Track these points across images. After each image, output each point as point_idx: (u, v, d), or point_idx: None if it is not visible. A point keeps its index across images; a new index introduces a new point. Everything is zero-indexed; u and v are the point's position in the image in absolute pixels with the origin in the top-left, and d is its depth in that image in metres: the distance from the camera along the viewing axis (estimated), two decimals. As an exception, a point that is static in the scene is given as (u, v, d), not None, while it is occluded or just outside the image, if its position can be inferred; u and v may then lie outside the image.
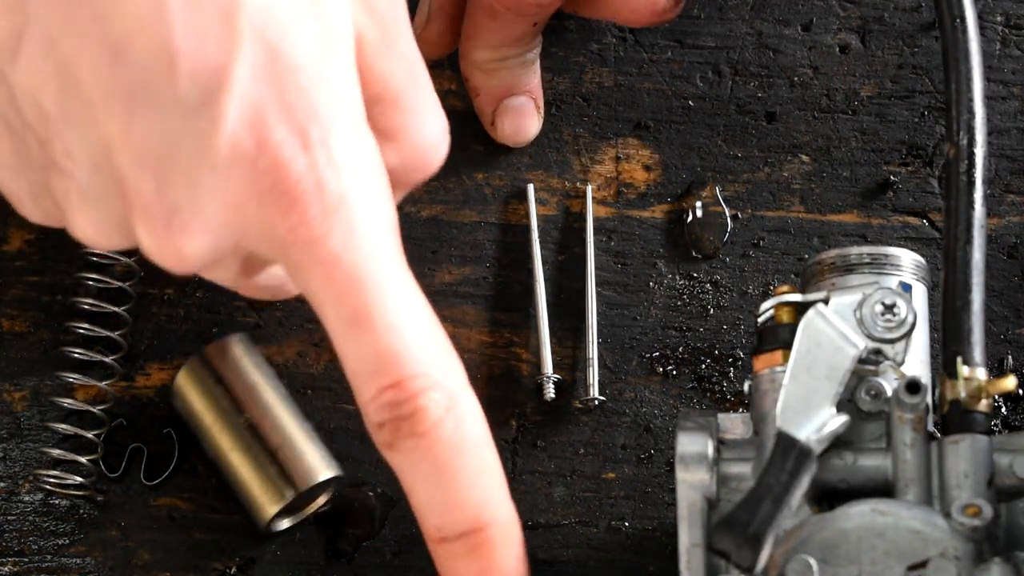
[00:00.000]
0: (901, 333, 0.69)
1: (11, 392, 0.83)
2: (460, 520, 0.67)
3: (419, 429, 0.65)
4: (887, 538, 0.66)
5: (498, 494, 0.68)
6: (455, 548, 0.67)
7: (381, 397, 0.65)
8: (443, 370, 0.67)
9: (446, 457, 0.66)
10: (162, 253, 0.65)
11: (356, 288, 0.65)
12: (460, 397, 0.67)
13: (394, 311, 0.65)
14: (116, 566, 0.81)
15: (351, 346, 0.65)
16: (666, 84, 0.87)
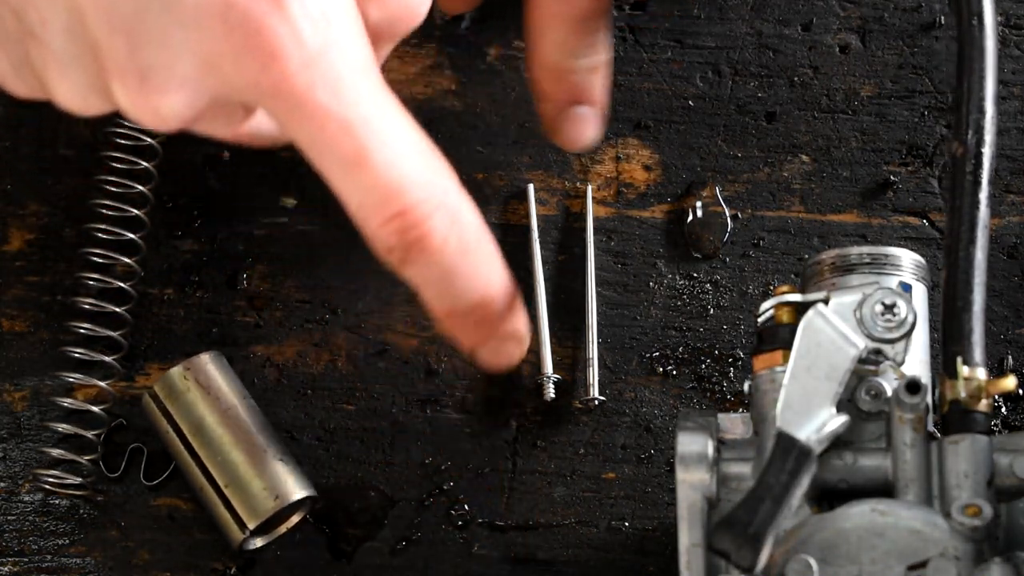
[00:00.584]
0: (901, 333, 0.69)
1: (11, 392, 0.83)
2: (468, 303, 0.72)
3: (427, 248, 0.69)
4: (887, 538, 0.66)
5: (498, 275, 0.73)
6: (464, 321, 0.73)
7: (388, 226, 0.68)
8: (442, 190, 0.70)
9: (453, 263, 0.70)
10: (139, 112, 0.67)
11: (349, 133, 0.67)
12: (459, 211, 0.70)
13: (389, 146, 0.68)
14: (116, 566, 0.81)
15: (352, 186, 0.68)
16: (666, 84, 0.87)
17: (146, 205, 0.84)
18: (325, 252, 0.85)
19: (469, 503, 0.82)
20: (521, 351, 0.76)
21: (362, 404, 0.83)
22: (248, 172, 0.86)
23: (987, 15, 0.74)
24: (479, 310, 0.73)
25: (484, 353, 0.76)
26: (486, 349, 0.76)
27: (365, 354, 0.84)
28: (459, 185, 0.71)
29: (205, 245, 0.85)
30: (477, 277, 0.72)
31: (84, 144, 0.86)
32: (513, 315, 0.75)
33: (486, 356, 0.76)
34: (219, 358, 0.81)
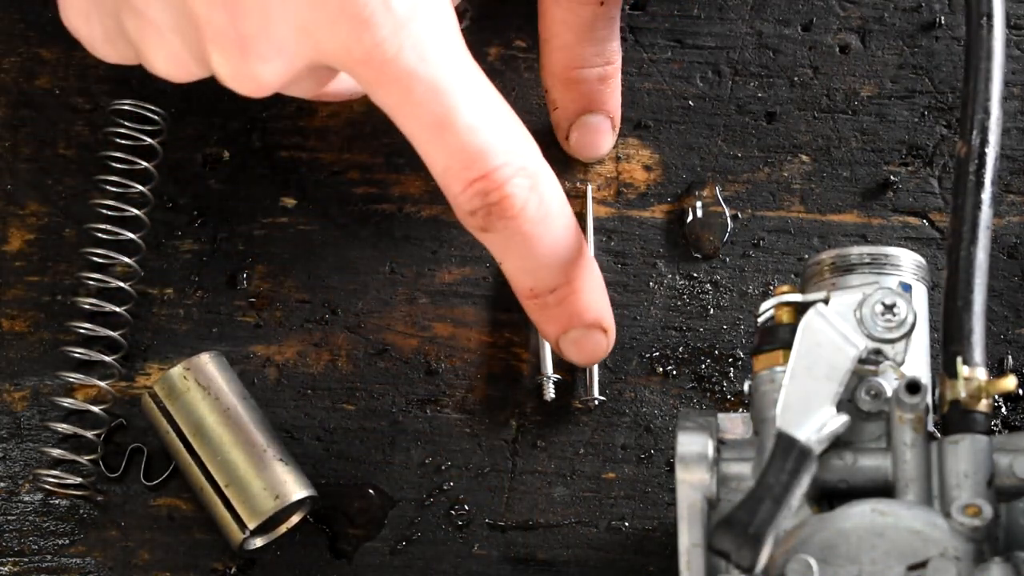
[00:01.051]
0: (901, 333, 0.69)
1: (11, 392, 0.83)
2: (549, 279, 0.75)
3: (509, 213, 0.71)
4: (887, 538, 0.66)
5: (579, 249, 0.76)
6: (547, 301, 0.76)
7: (471, 189, 0.71)
8: (523, 155, 0.72)
9: (534, 231, 0.72)
10: (239, 79, 0.70)
11: (434, 97, 0.70)
12: (541, 176, 0.72)
13: (473, 111, 0.70)
14: (116, 566, 0.81)
15: (437, 149, 0.71)
16: (666, 84, 0.87)
17: (146, 205, 0.84)
18: (325, 252, 0.85)
19: (469, 503, 0.82)
20: (608, 343, 0.79)
21: (362, 404, 0.83)
22: (248, 172, 0.86)
23: (996, 16, 0.74)
24: (562, 288, 0.76)
25: (569, 344, 0.78)
26: (571, 339, 0.78)
27: (365, 354, 0.84)
28: (539, 152, 0.73)
29: (205, 245, 0.85)
30: (558, 246, 0.74)
31: (84, 144, 0.86)
32: (597, 298, 0.77)
33: (571, 348, 0.78)
34: (219, 358, 0.81)
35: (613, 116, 0.85)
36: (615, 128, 0.85)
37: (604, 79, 0.83)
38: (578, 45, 0.82)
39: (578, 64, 0.82)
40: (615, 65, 0.83)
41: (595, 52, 0.82)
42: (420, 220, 0.85)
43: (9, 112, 0.87)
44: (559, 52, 0.82)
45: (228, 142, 0.86)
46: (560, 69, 0.83)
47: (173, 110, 0.86)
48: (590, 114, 0.84)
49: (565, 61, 0.82)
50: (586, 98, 0.83)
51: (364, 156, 0.86)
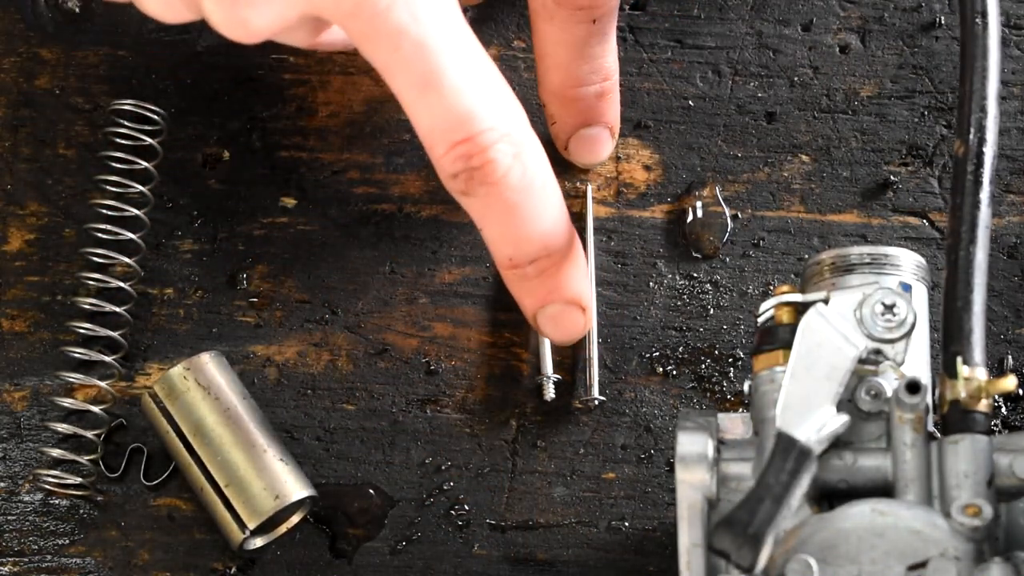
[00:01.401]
0: (901, 333, 0.69)
1: (11, 392, 0.83)
2: (529, 250, 0.74)
3: (490, 178, 0.71)
4: (887, 538, 0.66)
5: (562, 225, 0.75)
6: (527, 272, 0.75)
7: (454, 151, 0.70)
8: (509, 121, 0.71)
9: (515, 199, 0.72)
10: (229, 25, 0.70)
11: (423, 55, 0.69)
12: (525, 145, 0.72)
13: (461, 72, 0.70)
14: (116, 566, 0.81)
15: (422, 108, 0.70)
16: (666, 84, 0.87)
17: (146, 205, 0.84)
18: (325, 252, 0.85)
19: (469, 503, 0.82)
20: (585, 323, 0.78)
21: (362, 404, 0.83)
22: (248, 172, 0.86)
23: (991, 14, 0.74)
24: (541, 260, 0.75)
25: (546, 319, 0.77)
26: (548, 314, 0.77)
27: (365, 354, 0.84)
28: (526, 120, 0.73)
29: (205, 245, 0.85)
30: (539, 218, 0.74)
31: (84, 144, 0.86)
32: (577, 275, 0.76)
33: (548, 323, 0.77)
34: (219, 358, 0.81)
35: (612, 127, 0.84)
36: (614, 136, 0.85)
37: (601, 95, 0.83)
38: (573, 63, 0.81)
39: (574, 83, 0.82)
40: (612, 80, 0.83)
41: (591, 70, 0.82)
42: (420, 220, 0.85)
43: (9, 112, 0.87)
44: (554, 71, 0.82)
45: (228, 142, 0.86)
46: (556, 88, 0.82)
47: (173, 110, 0.86)
48: (589, 127, 0.84)
49: (561, 80, 0.82)
50: (584, 114, 0.83)
51: (364, 156, 0.86)
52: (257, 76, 0.87)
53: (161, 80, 0.87)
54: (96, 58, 0.87)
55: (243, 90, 0.87)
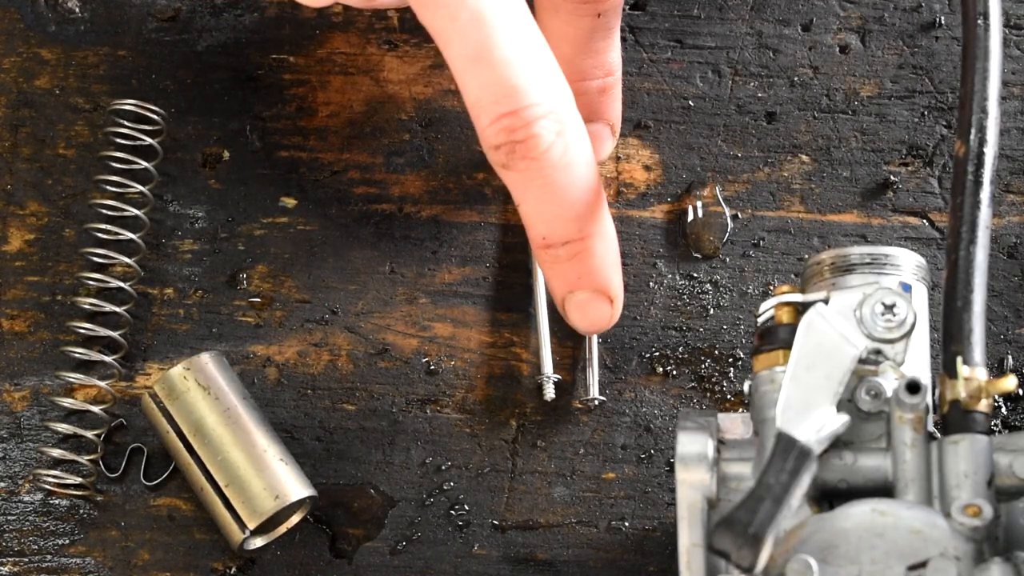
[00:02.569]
0: (901, 333, 0.69)
1: (11, 392, 0.83)
2: (564, 231, 0.74)
3: (532, 153, 0.71)
4: (887, 538, 0.66)
5: (599, 209, 0.75)
6: (559, 253, 0.75)
7: (499, 123, 0.71)
8: (555, 99, 0.72)
9: (555, 177, 0.72)
10: None
11: (477, 26, 0.70)
12: (570, 123, 0.72)
13: (513, 47, 0.71)
14: (116, 566, 0.81)
15: (472, 78, 0.71)
16: (666, 84, 0.87)
17: (146, 205, 0.84)
18: (325, 252, 0.85)
19: (469, 503, 0.82)
20: (612, 315, 0.77)
21: (362, 404, 0.83)
22: (248, 172, 0.86)
23: (993, 15, 0.74)
24: (575, 243, 0.75)
25: (574, 306, 0.77)
26: (576, 301, 0.77)
27: (365, 354, 0.84)
28: (573, 102, 0.73)
29: (205, 245, 0.85)
30: (577, 199, 0.74)
31: (84, 144, 0.86)
32: (609, 264, 0.76)
33: (576, 311, 0.77)
34: (219, 358, 0.81)
35: (613, 124, 0.84)
36: (615, 134, 0.85)
37: (604, 90, 0.83)
38: (577, 58, 0.81)
39: (577, 77, 0.82)
40: (615, 76, 0.83)
41: (594, 64, 0.82)
42: (420, 220, 0.86)
43: (9, 112, 0.87)
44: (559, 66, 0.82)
45: (228, 142, 0.86)
46: None
47: (173, 110, 0.86)
48: (590, 123, 0.84)
49: (564, 73, 0.82)
50: (586, 109, 0.83)
51: (364, 156, 0.86)
52: (257, 76, 0.87)
53: (161, 80, 0.87)
54: (96, 58, 0.87)
55: (243, 90, 0.87)
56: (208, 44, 0.87)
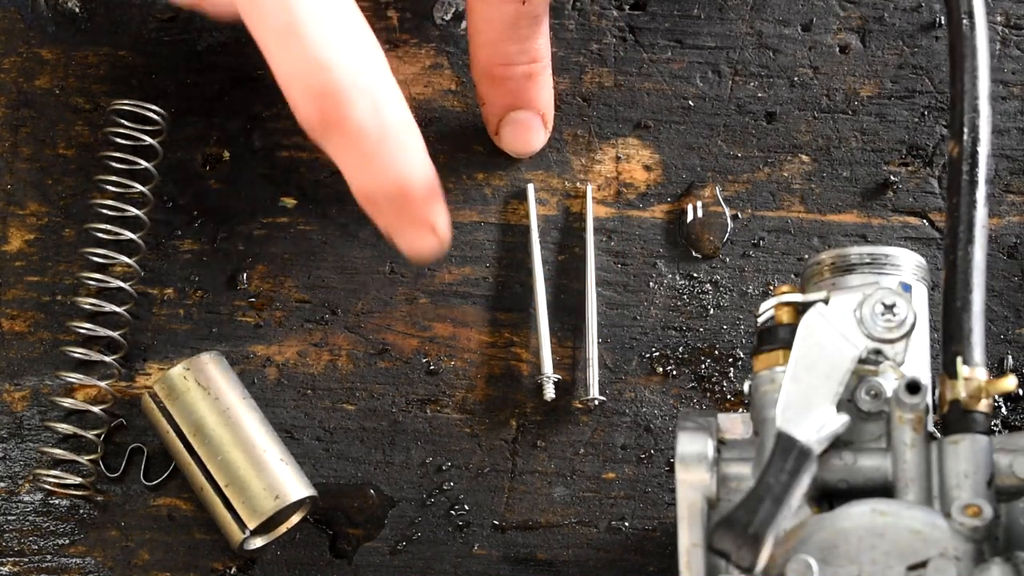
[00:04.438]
0: (901, 333, 0.69)
1: (11, 392, 0.83)
2: (385, 191, 0.75)
3: (346, 130, 0.71)
4: (887, 538, 0.66)
5: (416, 162, 0.75)
6: (383, 208, 0.76)
7: (312, 102, 0.71)
8: (368, 72, 0.72)
9: (371, 146, 0.73)
10: None
11: (287, 5, 0.70)
12: (385, 98, 0.72)
13: (324, 24, 0.70)
14: (116, 566, 0.81)
15: (283, 56, 0.71)
16: (666, 84, 0.87)
17: (146, 205, 0.84)
18: (325, 252, 0.85)
19: (469, 503, 0.82)
20: (438, 244, 0.78)
21: (362, 404, 0.83)
22: (248, 172, 0.86)
23: (978, 13, 0.74)
24: (397, 198, 0.75)
25: (400, 240, 0.78)
26: (402, 236, 0.78)
27: (365, 354, 0.84)
28: (387, 68, 0.73)
29: (205, 245, 0.85)
30: (395, 165, 0.74)
31: (84, 144, 0.86)
32: (432, 206, 0.77)
33: (402, 243, 0.78)
34: (219, 358, 0.81)
35: (543, 113, 0.84)
36: (547, 125, 0.85)
37: (530, 76, 0.83)
38: (501, 42, 0.82)
39: (502, 61, 0.82)
40: (542, 63, 0.83)
41: (519, 50, 0.82)
42: (420, 220, 0.86)
43: (9, 112, 0.87)
44: (483, 48, 0.82)
45: (228, 142, 0.86)
46: (485, 65, 0.83)
47: (173, 110, 0.86)
48: (519, 111, 0.84)
49: (489, 57, 0.82)
50: (512, 95, 0.83)
51: (364, 156, 0.86)
52: (257, 76, 0.87)
53: (161, 80, 0.87)
54: (96, 58, 0.87)
55: (243, 90, 0.87)
56: (208, 44, 0.87)
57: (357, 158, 0.74)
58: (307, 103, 0.71)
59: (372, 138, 0.72)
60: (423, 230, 0.77)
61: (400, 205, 0.76)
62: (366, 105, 0.72)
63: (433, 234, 0.78)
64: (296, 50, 0.70)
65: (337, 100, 0.71)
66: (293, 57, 0.70)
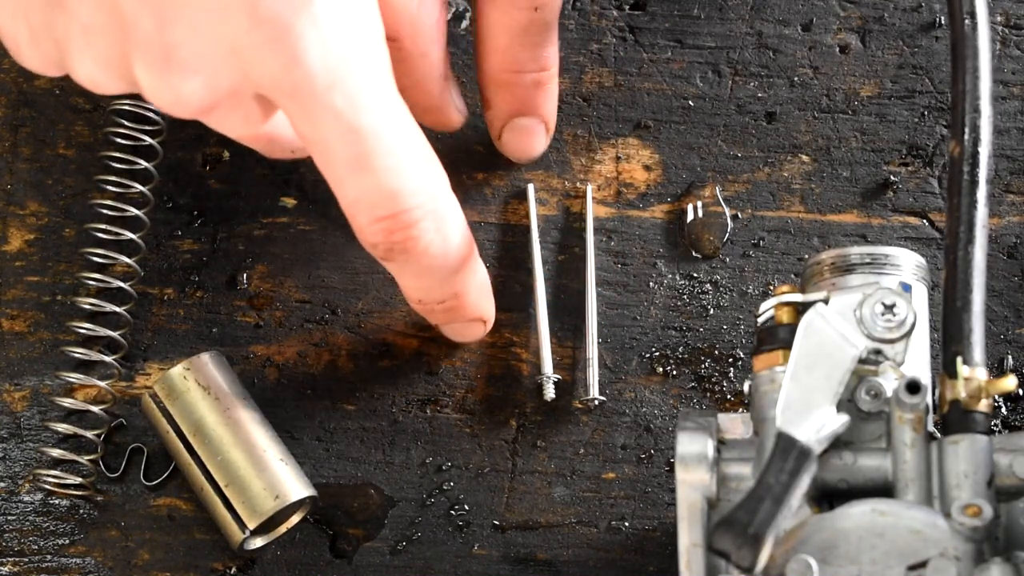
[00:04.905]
0: (901, 333, 0.69)
1: (11, 392, 0.83)
2: (438, 296, 0.77)
3: (410, 250, 0.72)
4: (887, 538, 0.66)
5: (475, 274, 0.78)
6: (435, 310, 0.79)
7: (377, 225, 0.71)
8: (433, 196, 0.72)
9: (432, 264, 0.74)
10: (159, 91, 0.68)
11: (356, 139, 0.69)
12: (448, 216, 0.73)
13: (393, 154, 0.70)
14: (116, 566, 0.81)
15: (350, 184, 0.71)
16: (666, 84, 0.87)
17: (146, 205, 0.84)
18: (325, 252, 0.85)
19: (469, 503, 0.82)
20: (485, 331, 0.81)
21: (362, 404, 0.83)
22: (248, 172, 0.86)
23: (980, 13, 0.74)
24: (450, 300, 0.77)
25: (449, 332, 0.81)
26: (452, 331, 0.81)
27: (365, 354, 0.84)
28: (449, 189, 0.74)
29: (205, 245, 0.85)
30: (454, 281, 0.76)
31: (84, 144, 0.86)
32: (481, 301, 0.79)
33: (450, 335, 0.81)
34: (219, 358, 0.81)
35: (547, 120, 0.84)
36: (549, 132, 0.85)
37: (538, 84, 0.83)
38: (511, 49, 0.81)
39: (511, 68, 0.82)
40: (550, 72, 0.83)
41: (529, 57, 0.81)
42: (420, 220, 0.85)
43: (9, 112, 0.87)
44: (493, 54, 0.81)
45: (228, 142, 0.86)
46: (493, 71, 0.82)
47: (173, 110, 0.86)
48: (523, 117, 0.84)
49: (498, 63, 0.82)
50: (519, 101, 0.83)
51: (364, 156, 0.86)
52: (257, 76, 0.87)
53: (161, 80, 0.87)
54: (96, 58, 0.87)
55: (243, 90, 0.87)
56: (208, 44, 0.87)
57: (418, 277, 0.75)
58: (374, 229, 0.71)
59: (434, 255, 0.73)
60: (473, 325, 0.80)
61: (454, 310, 0.78)
62: (431, 227, 0.72)
63: (482, 325, 0.81)
64: (366, 179, 0.70)
65: (404, 225, 0.71)
66: (362, 186, 0.70)
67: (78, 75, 0.70)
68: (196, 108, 0.69)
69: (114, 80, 0.70)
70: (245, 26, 0.66)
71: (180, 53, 0.67)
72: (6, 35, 0.71)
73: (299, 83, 0.67)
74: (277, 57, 0.66)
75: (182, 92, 0.68)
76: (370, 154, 0.69)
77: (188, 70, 0.67)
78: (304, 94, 0.67)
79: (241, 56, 0.67)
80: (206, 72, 0.67)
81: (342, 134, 0.69)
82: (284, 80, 0.67)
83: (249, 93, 0.69)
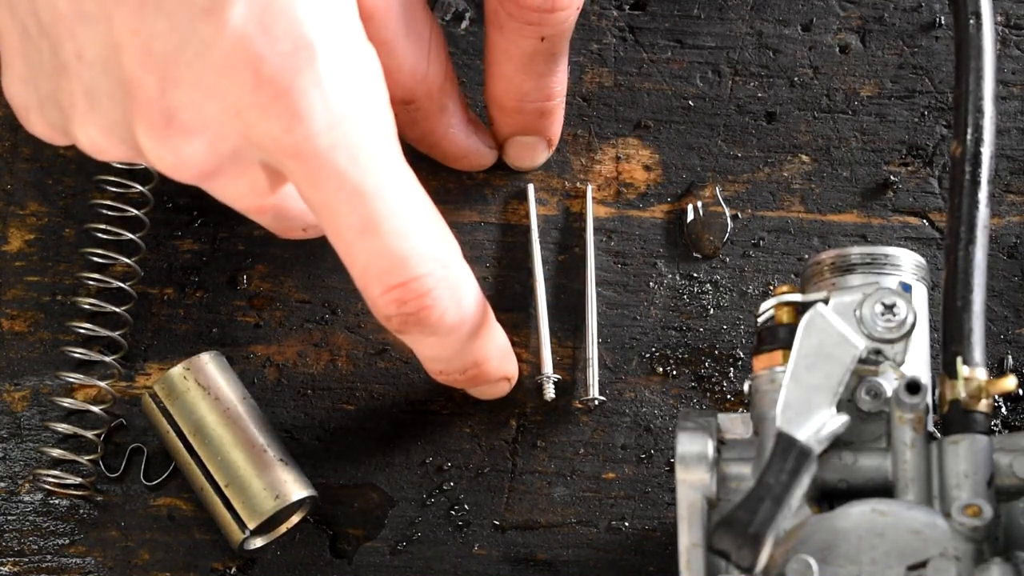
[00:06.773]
0: (901, 333, 0.69)
1: (11, 392, 0.83)
2: (459, 367, 0.77)
3: (425, 320, 0.71)
4: (887, 538, 0.66)
5: (493, 340, 0.77)
6: (456, 379, 0.78)
7: (389, 295, 0.70)
8: (444, 263, 0.71)
9: (448, 334, 0.73)
10: (161, 155, 0.67)
11: (362, 201, 0.68)
12: (461, 283, 0.72)
13: (399, 217, 0.69)
14: (116, 566, 0.81)
15: (359, 251, 0.69)
16: (666, 84, 0.87)
17: (146, 205, 0.84)
18: (325, 252, 0.85)
19: (469, 503, 0.82)
20: (511, 387, 0.81)
21: (362, 404, 0.83)
22: (248, 172, 0.86)
23: (985, 14, 0.74)
24: (470, 370, 0.77)
25: (474, 392, 0.81)
26: (476, 390, 0.81)
27: (365, 354, 0.84)
28: (460, 255, 0.73)
29: (205, 245, 0.85)
30: (473, 349, 0.76)
31: (84, 144, 0.86)
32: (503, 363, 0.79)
33: (476, 394, 0.81)
34: (219, 358, 0.81)
35: (550, 139, 0.84)
36: (551, 147, 0.85)
37: (544, 113, 0.82)
38: (517, 77, 0.80)
39: (516, 97, 0.81)
40: (556, 101, 0.82)
41: (535, 87, 0.81)
42: (420, 220, 0.85)
43: (9, 112, 0.87)
44: (498, 80, 0.81)
45: (228, 142, 0.86)
46: (499, 97, 0.81)
47: (173, 110, 0.86)
48: (525, 136, 0.84)
49: (504, 90, 0.81)
50: (522, 126, 0.83)
51: (364, 156, 0.86)
52: (257, 76, 0.87)
53: (161, 80, 0.87)
54: (96, 58, 0.87)
55: (243, 90, 0.87)
56: (208, 44, 0.87)
57: (436, 348, 0.74)
58: (386, 300, 0.70)
59: (450, 324, 0.72)
60: (498, 384, 0.80)
61: (476, 377, 0.78)
62: (444, 295, 0.71)
63: (507, 383, 0.81)
64: (374, 243, 0.69)
65: (417, 294, 0.70)
66: (370, 251, 0.69)
67: (81, 141, 0.70)
68: (198, 171, 0.68)
69: (116, 145, 0.69)
70: (248, 87, 0.65)
71: (182, 115, 0.66)
72: (17, 104, 0.71)
73: (301, 143, 0.66)
74: (279, 117, 0.66)
75: (183, 154, 0.67)
76: (376, 216, 0.68)
77: (190, 132, 0.67)
78: (306, 154, 0.67)
79: (243, 117, 0.66)
80: (208, 134, 0.67)
81: (347, 196, 0.68)
82: (286, 140, 0.66)
83: (253, 158, 0.69)
